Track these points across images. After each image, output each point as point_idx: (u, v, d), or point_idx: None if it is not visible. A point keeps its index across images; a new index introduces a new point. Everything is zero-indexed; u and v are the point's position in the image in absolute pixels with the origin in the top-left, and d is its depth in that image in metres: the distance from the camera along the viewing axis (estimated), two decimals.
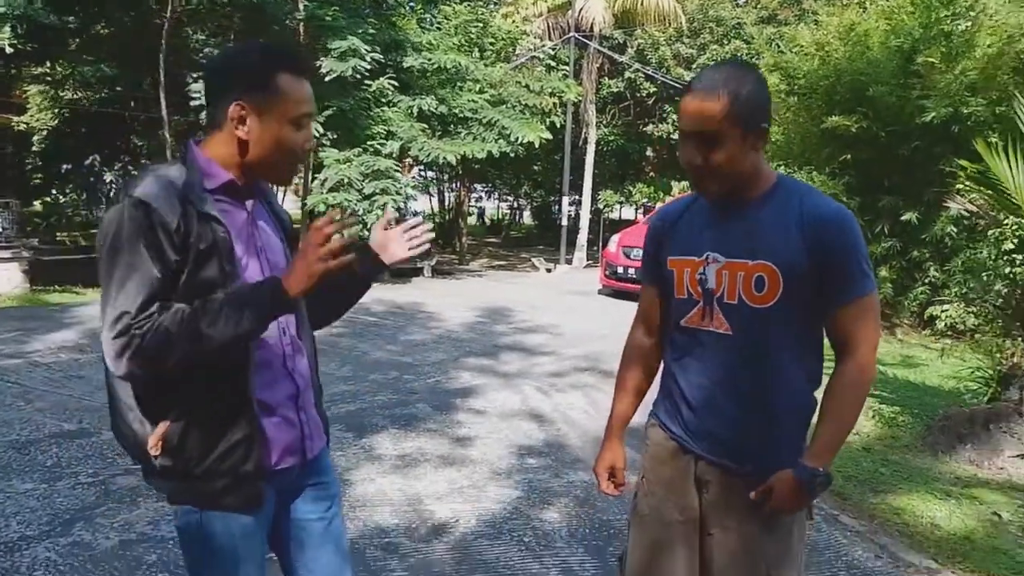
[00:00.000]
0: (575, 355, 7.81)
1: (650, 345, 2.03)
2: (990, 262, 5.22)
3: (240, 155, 1.60)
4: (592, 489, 4.09)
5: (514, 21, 18.86)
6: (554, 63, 19.31)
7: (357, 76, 12.30)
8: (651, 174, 25.49)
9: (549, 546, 3.49)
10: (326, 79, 11.94)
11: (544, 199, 32.75)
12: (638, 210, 27.82)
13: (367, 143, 12.77)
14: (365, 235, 13.83)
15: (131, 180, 1.54)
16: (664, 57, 21.34)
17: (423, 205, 30.28)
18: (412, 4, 15.14)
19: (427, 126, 13.73)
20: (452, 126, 14.59)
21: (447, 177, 24.75)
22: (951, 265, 8.28)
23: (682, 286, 1.84)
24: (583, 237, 21.79)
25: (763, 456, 1.77)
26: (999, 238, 4.95)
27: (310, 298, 1.61)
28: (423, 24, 15.10)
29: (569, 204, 22.18)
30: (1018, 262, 4.78)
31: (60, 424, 4.86)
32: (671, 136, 22.46)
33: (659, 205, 19.12)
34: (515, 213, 38.61)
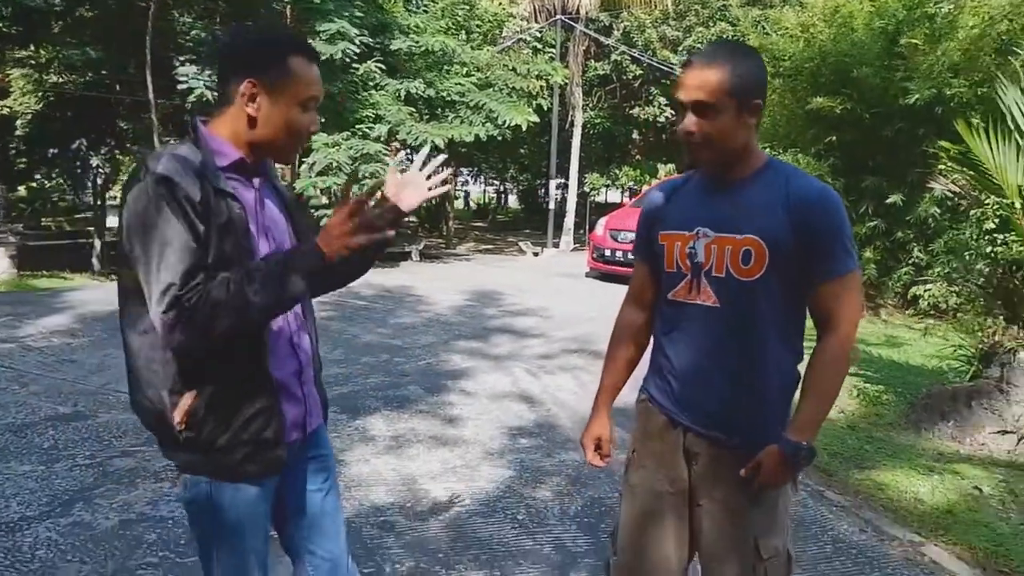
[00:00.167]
0: (564, 337, 7.88)
1: (640, 322, 2.09)
2: (972, 242, 5.32)
3: (248, 132, 1.64)
4: (583, 468, 4.16)
5: (500, 3, 18.77)
6: (540, 46, 19.28)
7: (346, 60, 12.25)
8: (637, 157, 25.50)
9: (542, 523, 3.56)
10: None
11: (530, 182, 32.73)
12: (624, 193, 27.88)
13: (355, 127, 12.73)
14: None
15: (148, 159, 1.56)
16: (650, 39, 21.30)
17: None
18: None
19: (414, 109, 13.69)
20: (440, 109, 14.54)
21: None
22: (935, 246, 8.37)
23: (672, 260, 1.90)
24: (570, 220, 21.84)
25: (750, 428, 1.84)
26: (981, 218, 5.04)
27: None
28: (409, 7, 15.02)
29: (556, 187, 22.20)
30: (999, 242, 4.87)
31: (55, 407, 4.88)
32: (657, 119, 22.48)
33: (645, 188, 19.21)
34: (501, 196, 38.60)
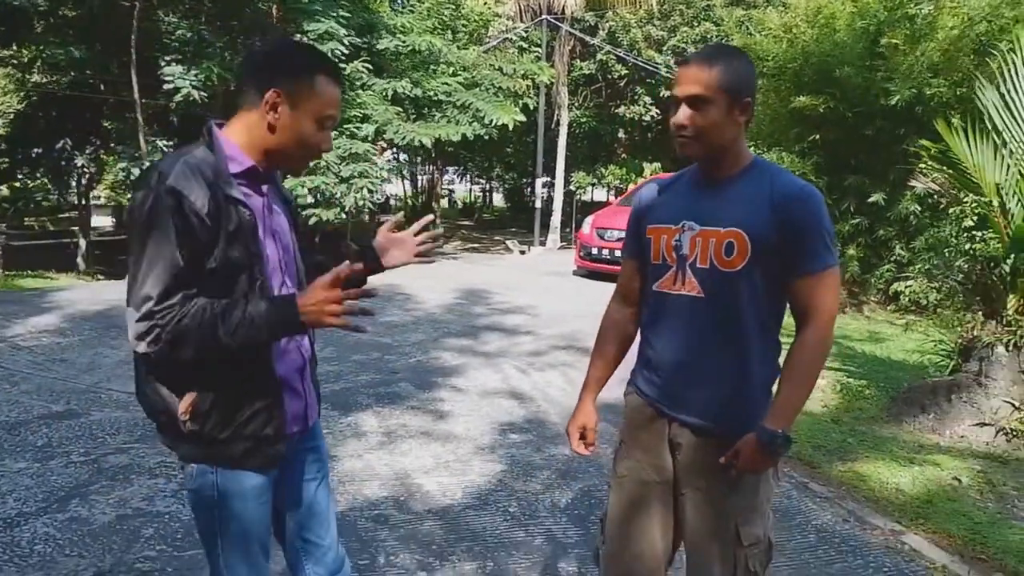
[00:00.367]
0: (552, 335, 7.95)
1: (627, 317, 2.16)
2: (952, 239, 5.43)
3: (264, 140, 1.70)
4: (573, 461, 4.24)
5: (486, 3, 18.81)
6: (526, 45, 19.33)
7: (334, 59, 12.26)
8: (623, 156, 25.59)
9: (533, 516, 3.63)
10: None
11: (516, 181, 32.78)
12: (610, 192, 27.98)
13: (343, 126, 12.74)
14: (343, 217, 13.75)
15: (162, 165, 1.62)
16: (635, 39, 21.40)
17: (396, 188, 30.22)
18: None
19: (401, 109, 13.71)
20: (426, 109, 14.57)
21: (420, 160, 24.70)
22: (916, 243, 8.48)
23: (658, 252, 1.97)
24: (556, 219, 21.88)
25: (731, 418, 1.91)
26: (960, 216, 5.14)
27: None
28: (395, 7, 15.03)
29: (542, 186, 22.26)
30: (978, 239, 4.98)
31: (48, 406, 4.90)
32: (643, 118, 22.59)
33: (631, 186, 19.30)
34: (486, 195, 38.64)
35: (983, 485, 4.17)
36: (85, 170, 15.79)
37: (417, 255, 2.08)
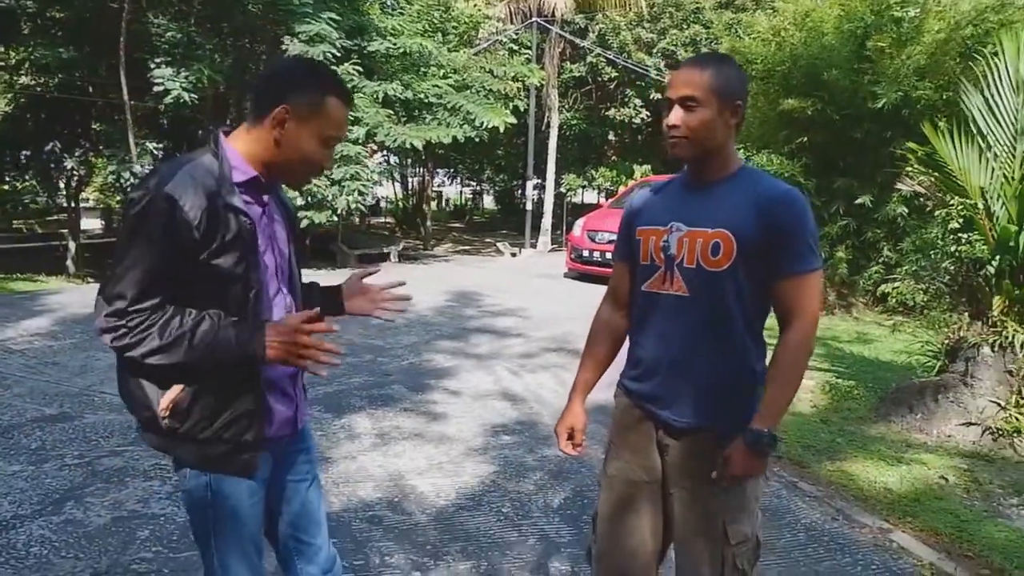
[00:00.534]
0: (544, 337, 7.98)
1: (617, 319, 2.19)
2: (938, 241, 5.50)
3: (267, 153, 1.74)
4: (565, 462, 4.27)
5: (476, 5, 18.85)
6: (517, 47, 19.38)
7: (326, 62, 12.28)
8: (613, 158, 25.65)
9: (526, 516, 3.66)
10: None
11: (507, 184, 32.81)
12: (601, 194, 28.04)
13: None
14: (334, 220, 13.73)
15: (165, 170, 1.65)
16: (625, 42, 21.48)
17: (387, 191, 30.17)
18: None
19: (392, 112, 13.73)
20: (417, 111, 14.59)
21: (410, 162, 24.70)
22: (903, 244, 8.56)
23: (647, 253, 2.02)
24: (547, 221, 21.93)
25: (716, 416, 1.95)
26: (946, 218, 5.21)
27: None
28: (385, 9, 15.05)
29: (533, 188, 22.31)
30: (963, 241, 5.05)
31: (41, 409, 4.90)
32: (632, 120, 22.67)
33: (622, 189, 19.36)
34: (476, 198, 38.64)
35: (969, 483, 4.23)
36: (74, 173, 15.72)
37: (380, 309, 2.12)
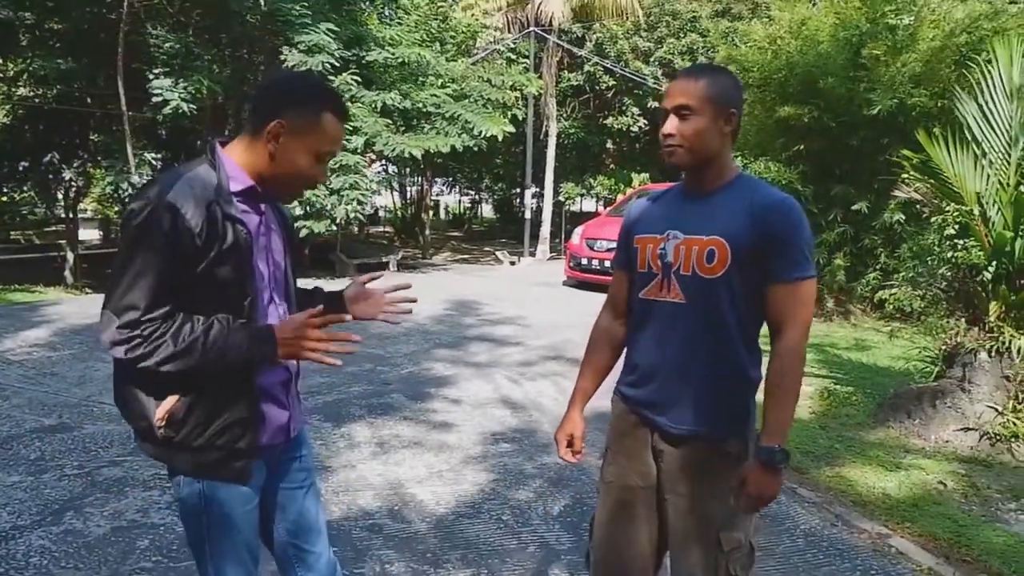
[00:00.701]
0: (543, 345, 7.99)
1: (616, 328, 2.21)
2: (935, 247, 5.51)
3: (261, 166, 1.76)
4: (564, 470, 4.28)
5: (474, 15, 18.94)
6: (514, 57, 19.45)
7: (323, 72, 12.34)
8: (611, 166, 25.74)
9: (526, 523, 3.67)
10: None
11: (505, 192, 32.88)
12: (599, 202, 28.09)
13: None
14: (333, 229, 13.78)
15: (164, 180, 1.66)
16: (622, 51, 21.58)
17: (386, 200, 30.24)
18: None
19: (391, 121, 13.77)
20: (415, 121, 14.65)
21: (409, 171, 24.76)
22: (900, 251, 8.58)
23: (644, 261, 2.04)
24: (546, 229, 21.98)
25: (711, 422, 1.96)
26: (942, 224, 5.24)
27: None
28: (383, 19, 15.11)
29: (531, 197, 22.36)
30: (959, 247, 5.06)
31: (40, 420, 4.91)
32: (630, 129, 22.74)
33: (620, 197, 19.40)
34: (475, 206, 38.71)
35: (967, 488, 4.24)
36: (72, 183, 15.74)
37: (385, 313, 2.12)
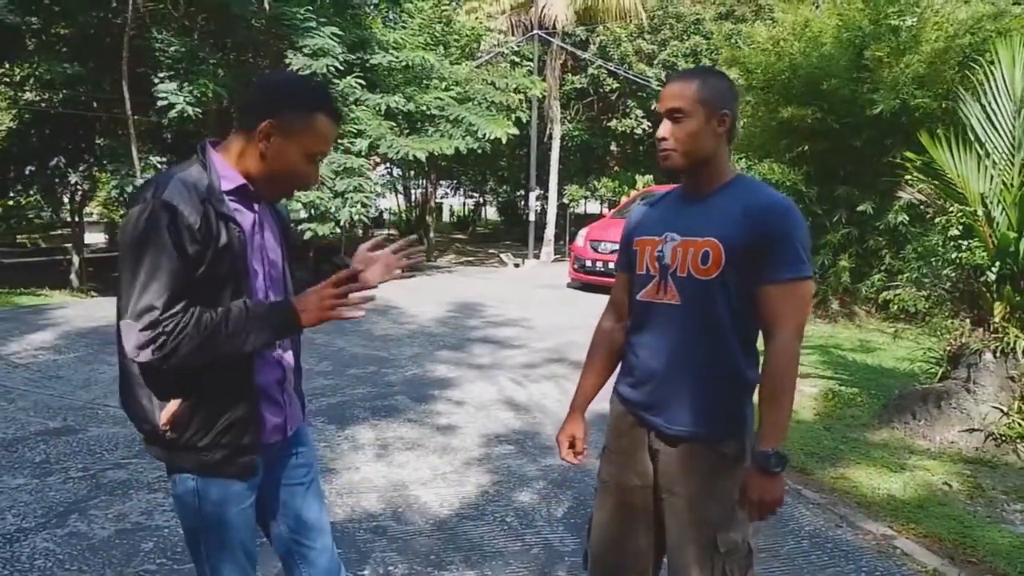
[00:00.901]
0: (547, 347, 7.99)
1: (618, 330, 2.21)
2: (939, 248, 5.50)
3: (252, 165, 1.77)
4: (568, 472, 4.28)
5: (478, 18, 18.96)
6: (518, 60, 19.47)
7: (328, 75, 12.37)
8: (615, 168, 25.74)
9: (530, 525, 3.67)
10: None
11: (510, 195, 32.90)
12: (603, 204, 28.09)
13: (337, 141, 12.83)
14: (337, 232, 13.79)
15: (158, 181, 1.68)
16: (626, 53, 21.60)
17: (390, 202, 30.28)
18: (375, 2, 15.15)
19: (395, 124, 13.79)
20: (420, 123, 14.67)
21: (413, 174, 24.79)
22: (905, 252, 8.56)
23: (642, 263, 2.05)
24: (550, 232, 22.00)
25: (707, 423, 1.96)
26: (946, 225, 5.22)
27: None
28: (387, 23, 15.14)
29: (535, 199, 22.38)
30: (963, 247, 5.05)
31: (45, 422, 4.92)
32: (634, 131, 22.75)
33: (624, 199, 19.41)
34: (479, 209, 38.72)
35: (972, 489, 4.23)
36: (78, 187, 15.80)
37: (397, 270, 2.06)
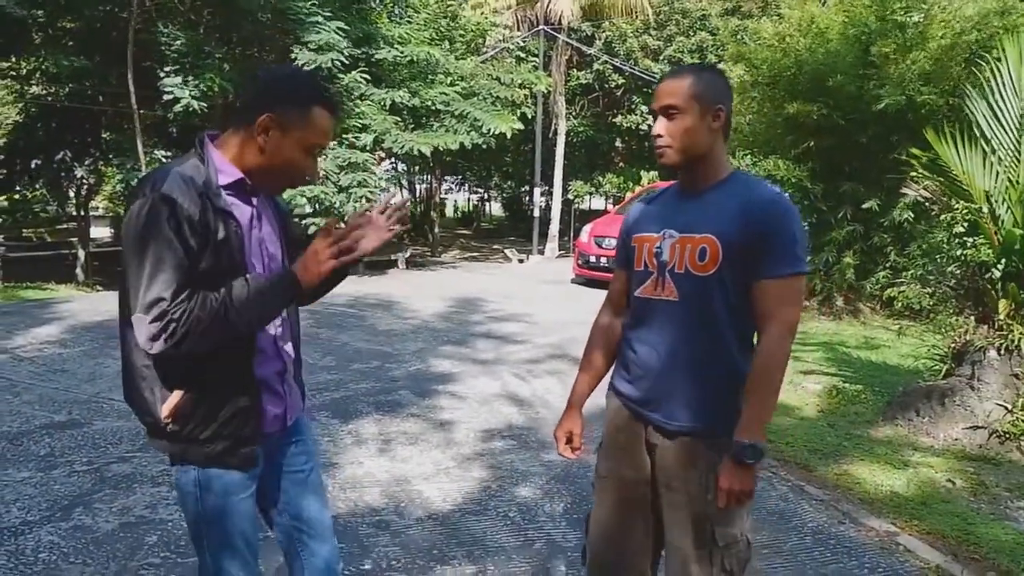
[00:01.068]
0: (550, 342, 8.00)
1: (616, 326, 2.22)
2: (944, 245, 5.48)
3: (251, 159, 1.78)
4: (571, 467, 4.28)
5: (483, 13, 18.94)
6: (524, 55, 19.44)
7: (333, 70, 12.37)
8: (620, 165, 25.69)
9: (533, 520, 3.68)
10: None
11: (514, 190, 32.86)
12: (608, 200, 28.06)
13: (342, 136, 12.84)
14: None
15: (156, 176, 1.69)
16: (631, 49, 21.52)
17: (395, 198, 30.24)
18: None
19: (400, 119, 13.79)
20: (424, 118, 14.66)
21: (418, 169, 24.78)
22: (910, 249, 8.54)
23: (640, 259, 2.06)
24: (554, 227, 21.97)
25: (703, 419, 1.96)
26: (951, 222, 5.21)
27: None
28: (393, 18, 15.13)
29: (540, 195, 22.35)
30: (968, 244, 5.03)
31: (50, 416, 4.94)
32: (640, 127, 22.69)
33: (629, 195, 19.39)
34: (484, 204, 38.68)
35: (976, 486, 4.22)
36: (84, 181, 15.80)
37: (390, 229, 1.98)
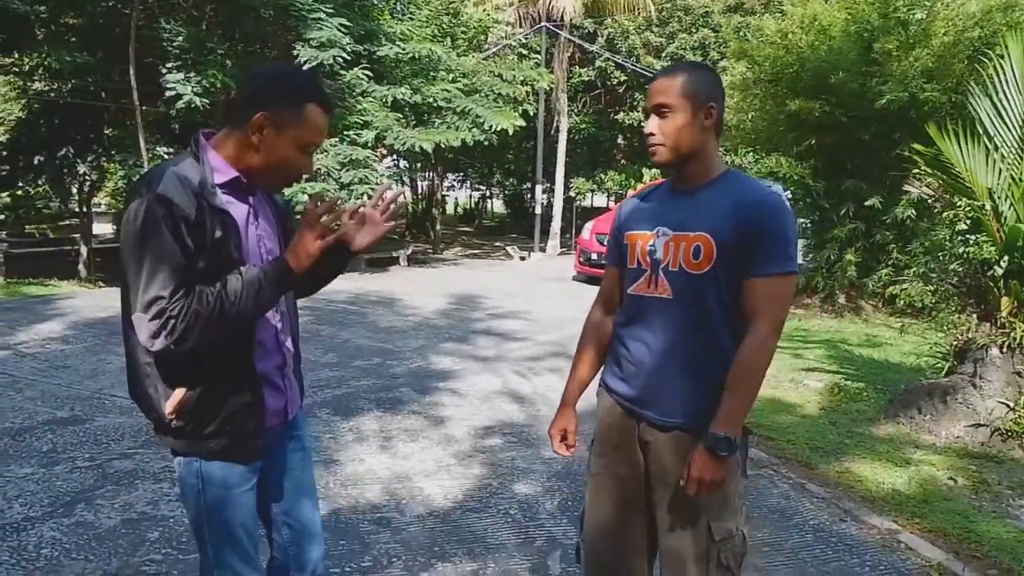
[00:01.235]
0: (551, 340, 8.00)
1: (607, 323, 2.22)
2: (946, 243, 5.47)
3: (246, 158, 1.78)
4: (571, 464, 4.28)
5: (485, 10, 18.91)
6: (526, 52, 19.42)
7: (335, 67, 12.36)
8: (622, 162, 25.67)
9: (534, 518, 3.68)
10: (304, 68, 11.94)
11: (516, 187, 32.85)
12: (610, 198, 28.05)
13: (343, 133, 12.83)
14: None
15: (152, 176, 1.70)
16: (634, 46, 21.50)
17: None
18: None
19: (401, 115, 13.79)
20: (426, 115, 14.66)
21: (420, 166, 24.77)
22: (912, 246, 8.52)
23: (633, 257, 2.06)
24: (556, 225, 21.96)
25: (696, 416, 1.95)
26: (953, 219, 5.19)
27: None
28: (395, 14, 15.11)
29: (542, 192, 22.33)
30: (971, 242, 5.02)
31: (53, 412, 4.95)
32: (641, 124, 22.58)
33: (631, 192, 19.37)
34: (485, 201, 38.67)
35: (978, 484, 4.22)
36: (87, 177, 15.81)
37: (384, 223, 1.99)
